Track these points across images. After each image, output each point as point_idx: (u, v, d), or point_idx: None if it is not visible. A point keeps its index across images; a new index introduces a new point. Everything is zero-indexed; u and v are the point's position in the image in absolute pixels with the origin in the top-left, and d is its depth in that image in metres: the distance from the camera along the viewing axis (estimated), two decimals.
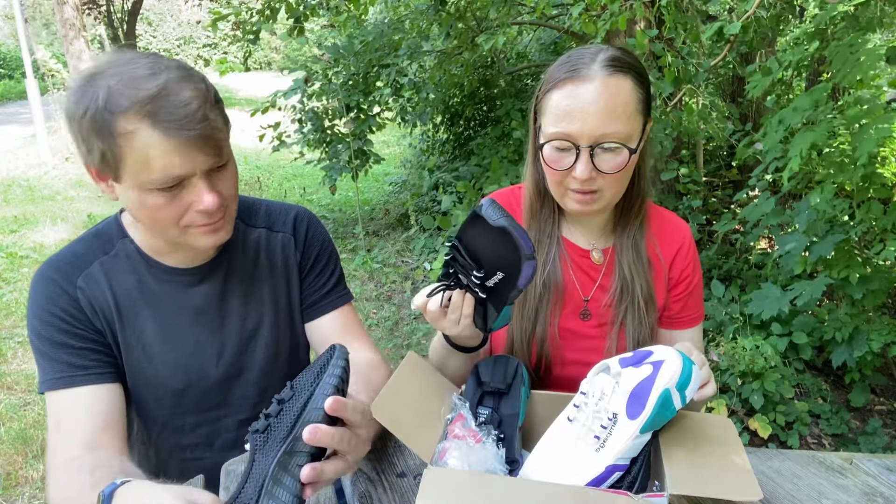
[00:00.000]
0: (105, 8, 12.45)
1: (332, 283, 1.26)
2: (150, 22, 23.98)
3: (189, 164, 0.92)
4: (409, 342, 3.72)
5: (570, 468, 0.87)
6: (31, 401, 3.12)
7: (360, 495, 0.97)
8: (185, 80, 0.93)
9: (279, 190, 7.34)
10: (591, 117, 1.01)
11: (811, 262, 2.48)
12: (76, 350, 1.04)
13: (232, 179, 1.03)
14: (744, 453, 0.91)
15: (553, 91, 1.06)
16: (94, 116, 0.89)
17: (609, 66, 1.03)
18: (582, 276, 1.22)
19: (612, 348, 1.19)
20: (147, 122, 0.88)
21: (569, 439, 0.90)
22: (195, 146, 0.91)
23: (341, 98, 4.75)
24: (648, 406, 0.84)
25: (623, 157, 1.04)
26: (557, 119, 1.04)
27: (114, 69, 0.91)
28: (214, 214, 0.99)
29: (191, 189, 0.95)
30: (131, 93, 0.88)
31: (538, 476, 0.89)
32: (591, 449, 0.86)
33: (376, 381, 1.09)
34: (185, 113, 0.89)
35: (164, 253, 1.11)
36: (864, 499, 0.97)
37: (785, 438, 2.59)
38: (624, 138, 1.03)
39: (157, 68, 0.92)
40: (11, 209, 6.43)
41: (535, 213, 1.22)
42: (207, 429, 1.17)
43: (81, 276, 1.07)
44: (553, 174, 1.09)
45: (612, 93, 1.02)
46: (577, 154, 1.03)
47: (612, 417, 0.86)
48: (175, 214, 0.97)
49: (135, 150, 0.89)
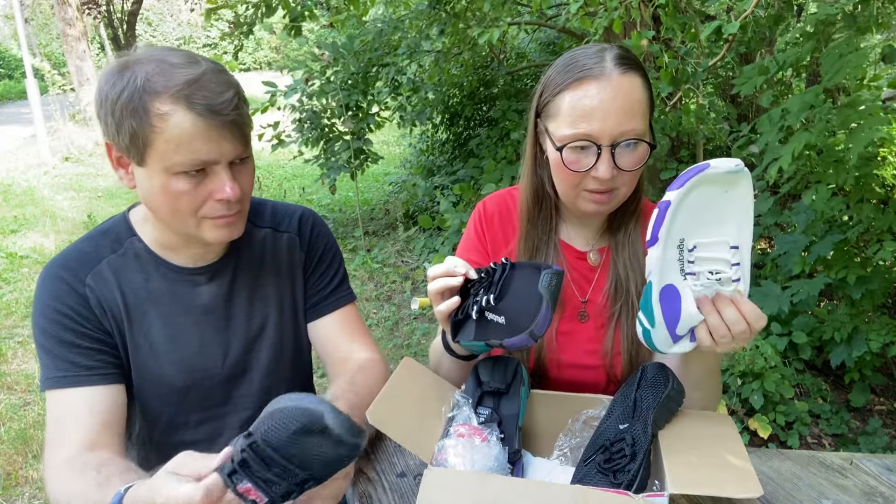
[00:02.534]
0: (105, 8, 12.44)
1: (335, 283, 1.27)
2: (150, 22, 23.99)
3: (216, 151, 0.96)
4: (409, 342, 3.73)
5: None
6: (31, 401, 3.12)
7: (360, 495, 0.97)
8: (221, 73, 0.98)
9: (279, 190, 7.35)
10: (612, 116, 1.01)
11: (810, 263, 2.48)
12: (82, 350, 1.04)
13: (250, 176, 1.06)
14: (744, 450, 0.91)
15: (565, 93, 1.05)
16: (132, 97, 0.92)
17: (621, 64, 1.04)
18: (579, 278, 1.22)
19: (608, 348, 1.19)
20: (183, 104, 0.92)
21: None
22: (226, 133, 0.95)
23: (339, 98, 4.76)
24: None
25: (642, 152, 1.05)
26: (575, 120, 1.04)
27: (150, 58, 0.95)
28: (232, 206, 1.01)
29: (214, 177, 0.98)
30: (168, 77, 0.93)
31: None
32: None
33: (364, 381, 1.11)
34: (222, 100, 0.94)
35: (173, 250, 1.11)
36: (864, 499, 0.97)
37: (785, 438, 2.59)
38: (641, 134, 1.04)
39: (192, 59, 0.97)
40: (11, 209, 6.43)
41: (532, 218, 1.22)
42: (211, 426, 1.18)
43: (90, 274, 1.07)
44: (570, 177, 1.08)
45: (627, 90, 1.03)
46: (598, 154, 1.03)
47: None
48: (195, 203, 0.99)
49: (167, 131, 0.92)
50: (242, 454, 0.67)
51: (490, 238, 1.26)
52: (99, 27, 13.40)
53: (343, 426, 0.67)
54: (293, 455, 0.67)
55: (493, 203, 1.28)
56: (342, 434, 0.67)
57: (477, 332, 0.97)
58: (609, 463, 0.92)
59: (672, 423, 0.99)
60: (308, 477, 0.69)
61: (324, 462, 0.68)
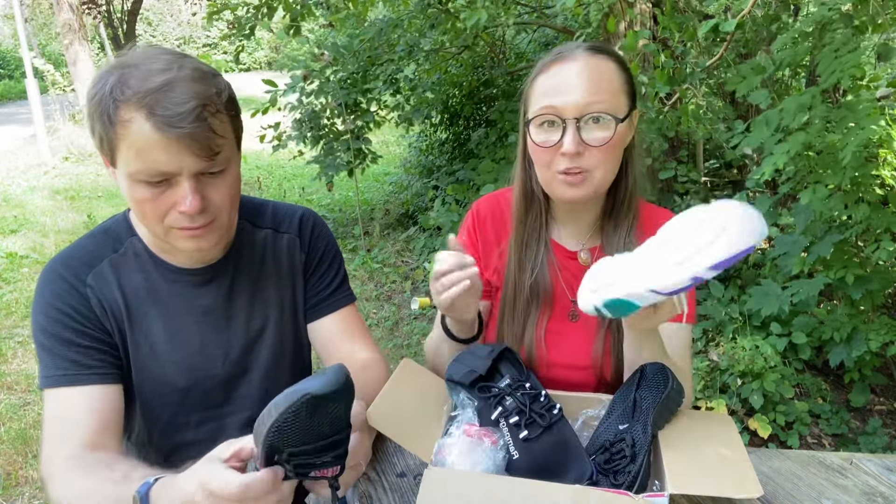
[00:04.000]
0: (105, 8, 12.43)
1: (335, 283, 1.27)
2: (150, 22, 23.98)
3: (176, 163, 0.92)
4: (409, 342, 3.72)
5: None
6: (31, 401, 3.12)
7: (360, 495, 0.97)
8: (193, 81, 0.93)
9: (279, 190, 7.35)
10: (575, 89, 1.04)
11: (809, 263, 2.48)
12: (82, 349, 1.04)
13: (226, 188, 1.00)
14: (744, 450, 0.91)
15: (538, 76, 1.10)
16: (101, 101, 0.91)
17: (592, 48, 1.08)
18: (570, 277, 1.22)
19: (599, 349, 1.19)
20: (143, 113, 0.90)
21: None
22: (183, 145, 0.91)
23: (339, 97, 4.75)
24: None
25: (610, 128, 1.05)
26: (541, 96, 1.07)
27: (135, 60, 0.93)
28: (196, 219, 0.98)
29: (176, 188, 0.95)
30: (137, 84, 0.90)
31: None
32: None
33: (364, 381, 1.10)
34: (180, 111, 0.90)
35: (166, 252, 1.11)
36: (864, 499, 0.97)
37: (785, 438, 2.59)
38: (608, 109, 1.04)
39: (173, 65, 0.93)
40: (11, 209, 6.43)
41: (523, 216, 1.22)
42: (211, 427, 1.18)
43: (91, 273, 1.07)
44: (541, 155, 1.09)
45: (594, 68, 1.05)
46: (564, 129, 1.04)
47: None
48: (159, 211, 0.97)
49: (128, 139, 0.91)
50: (289, 465, 0.73)
51: (482, 240, 1.27)
52: (99, 27, 13.39)
53: (327, 384, 0.70)
54: (319, 434, 0.73)
55: (486, 205, 1.29)
56: (330, 389, 0.70)
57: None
58: (609, 464, 0.93)
59: (672, 423, 0.99)
60: (338, 432, 0.75)
61: (337, 418, 0.74)
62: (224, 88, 0.98)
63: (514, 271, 1.22)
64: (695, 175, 3.95)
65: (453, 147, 6.27)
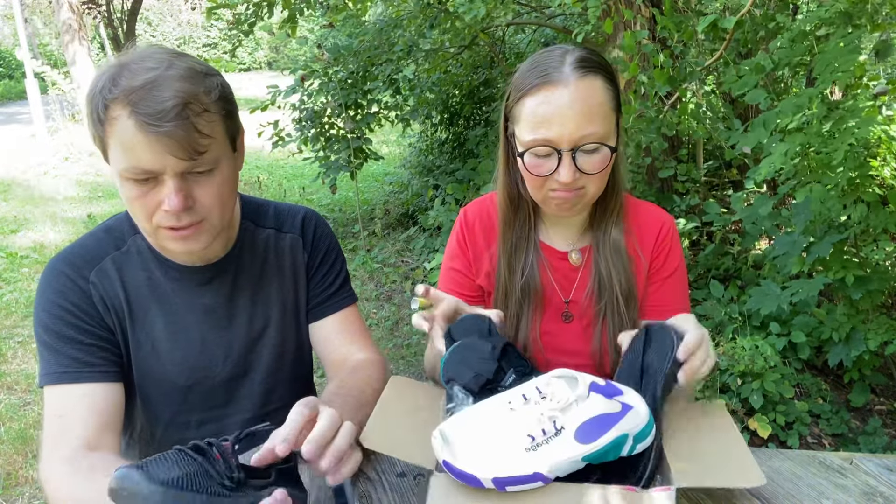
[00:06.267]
0: (105, 7, 12.43)
1: (337, 284, 1.27)
2: (150, 22, 23.96)
3: (159, 162, 0.92)
4: (409, 342, 3.72)
5: (496, 452, 0.82)
6: (31, 401, 3.12)
7: (360, 495, 0.97)
8: (181, 80, 0.92)
9: (279, 190, 7.34)
10: (569, 121, 1.02)
11: (809, 263, 2.48)
12: (84, 346, 1.04)
13: (215, 188, 0.99)
14: (741, 438, 0.93)
15: (526, 98, 1.06)
16: (93, 99, 0.93)
17: (579, 67, 1.03)
18: (561, 278, 1.22)
19: (597, 348, 1.19)
20: (128, 110, 0.90)
21: (501, 424, 0.85)
22: (164, 144, 0.91)
23: (339, 97, 4.75)
24: (603, 440, 0.81)
25: (604, 155, 1.05)
26: (535, 126, 1.04)
27: (130, 59, 0.94)
28: (182, 218, 0.97)
29: (162, 187, 0.95)
30: (126, 82, 0.91)
31: (460, 437, 0.85)
32: (521, 446, 0.82)
33: (364, 381, 1.11)
34: (160, 109, 0.89)
35: (165, 250, 1.11)
36: (864, 499, 0.97)
37: (785, 438, 2.59)
38: (602, 137, 1.04)
39: (164, 63, 0.93)
40: (11, 209, 6.43)
41: (510, 221, 1.22)
42: (212, 426, 1.18)
43: (94, 271, 1.07)
44: (534, 180, 1.09)
45: (586, 95, 1.02)
46: (560, 159, 1.04)
47: (558, 430, 0.82)
48: (147, 210, 0.97)
49: (115, 136, 0.92)
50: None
51: (472, 246, 1.26)
52: (99, 27, 13.39)
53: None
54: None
55: (473, 210, 1.29)
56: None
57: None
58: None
59: (669, 415, 0.99)
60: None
61: None
62: (215, 87, 0.97)
63: (504, 274, 1.22)
64: (695, 174, 3.95)
65: (453, 147, 6.27)
